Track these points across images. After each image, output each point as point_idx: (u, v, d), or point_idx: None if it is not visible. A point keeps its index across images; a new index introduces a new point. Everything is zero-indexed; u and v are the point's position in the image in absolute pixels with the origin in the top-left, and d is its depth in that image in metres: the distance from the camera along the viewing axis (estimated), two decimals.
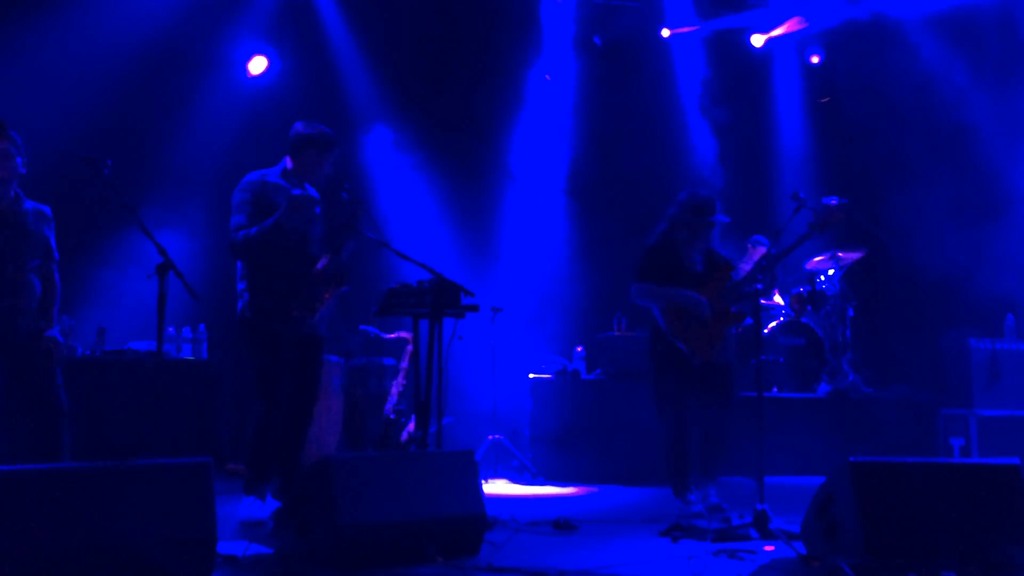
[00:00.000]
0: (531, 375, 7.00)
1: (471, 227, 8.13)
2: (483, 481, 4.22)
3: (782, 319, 7.48)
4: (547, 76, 8.62)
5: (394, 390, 6.77)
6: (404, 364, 6.74)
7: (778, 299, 7.70)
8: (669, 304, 5.07)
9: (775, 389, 7.21)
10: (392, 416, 6.58)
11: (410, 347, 6.55)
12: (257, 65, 7.74)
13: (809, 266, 7.65)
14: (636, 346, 6.48)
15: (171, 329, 6.70)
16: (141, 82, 7.01)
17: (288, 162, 4.73)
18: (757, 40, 8.93)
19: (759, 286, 4.82)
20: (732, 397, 5.23)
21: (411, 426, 6.38)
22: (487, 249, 8.16)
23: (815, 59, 8.96)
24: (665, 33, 8.88)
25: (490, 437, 6.80)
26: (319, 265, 4.58)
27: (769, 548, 3.97)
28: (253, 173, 4.72)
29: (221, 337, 6.78)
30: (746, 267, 6.60)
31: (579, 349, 7.17)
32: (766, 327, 7.34)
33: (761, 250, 7.34)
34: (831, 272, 7.56)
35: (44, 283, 4.39)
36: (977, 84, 8.23)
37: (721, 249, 5.38)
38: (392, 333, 6.80)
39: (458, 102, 8.09)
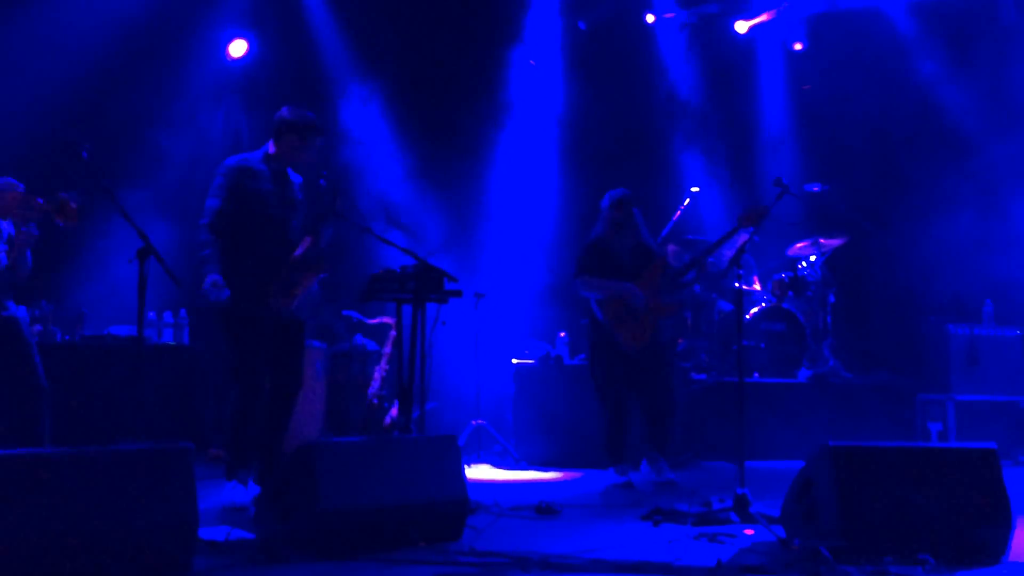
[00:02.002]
0: (514, 360, 7.00)
1: (454, 213, 8.10)
2: (466, 466, 4.23)
3: (763, 305, 7.52)
4: (532, 61, 8.59)
5: (377, 375, 6.77)
6: (387, 350, 6.74)
7: (757, 286, 7.73)
8: (608, 296, 5.52)
9: (756, 374, 7.26)
10: (375, 401, 6.58)
11: (393, 332, 6.55)
12: (237, 48, 7.67)
13: (791, 252, 7.68)
14: None
15: (152, 314, 6.65)
16: (120, 65, 6.93)
17: (271, 147, 4.72)
18: (741, 27, 8.93)
19: (691, 276, 5.49)
20: (668, 376, 5.74)
21: (394, 411, 6.38)
22: (470, 235, 8.14)
23: (798, 46, 8.97)
24: (650, 19, 8.86)
25: (473, 422, 6.81)
26: (298, 251, 4.56)
27: (749, 532, 4.00)
28: (232, 157, 4.69)
29: (202, 322, 6.74)
30: (728, 253, 6.68)
31: (562, 335, 7.18)
32: (747, 313, 7.37)
33: (743, 236, 7.38)
34: (813, 258, 7.60)
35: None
36: (958, 70, 8.28)
37: (715, 237, 5.68)
38: (375, 318, 6.79)
39: (441, 86, 8.05)
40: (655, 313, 5.54)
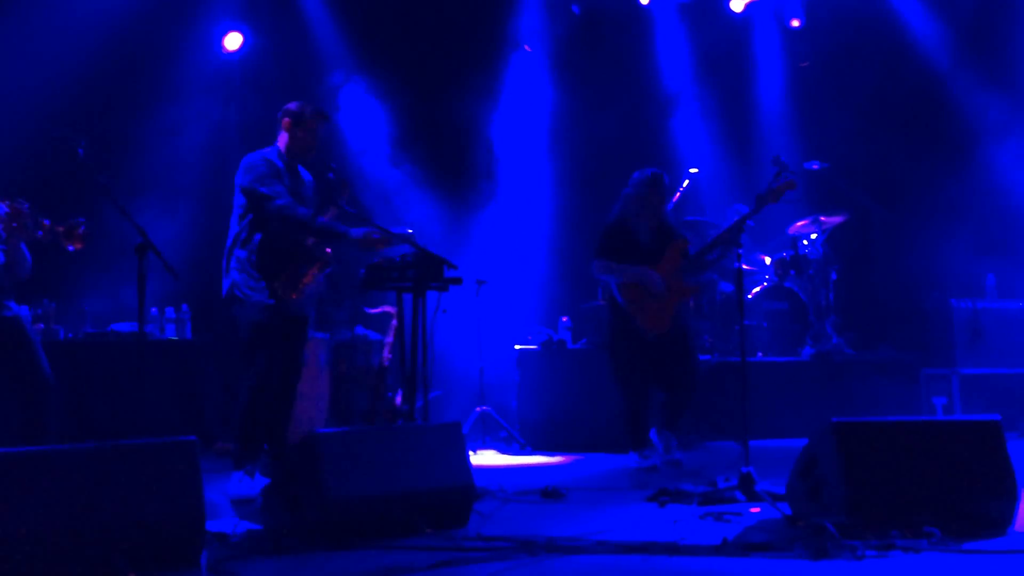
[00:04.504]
0: (517, 346, 7.01)
1: (454, 198, 8.09)
2: (471, 452, 4.24)
3: (765, 284, 7.51)
4: (527, 47, 8.55)
5: (379, 364, 6.77)
6: (389, 338, 6.74)
7: (767, 260, 7.70)
8: (626, 280, 5.40)
9: (759, 354, 7.25)
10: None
11: (395, 321, 6.54)
12: (233, 41, 7.64)
13: (792, 230, 7.66)
14: None
15: (154, 310, 6.65)
16: (115, 60, 6.90)
17: (280, 142, 4.72)
18: (737, 5, 8.88)
19: (715, 255, 5.33)
20: (691, 359, 5.55)
21: (398, 400, 6.39)
22: (470, 221, 8.14)
23: (795, 23, 8.91)
24: (644, 0, 8.81)
25: (478, 409, 6.82)
26: (307, 243, 4.57)
27: (755, 510, 4.01)
28: (255, 153, 4.67)
29: (204, 316, 6.74)
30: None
31: (564, 319, 7.18)
32: (749, 292, 7.37)
33: (742, 213, 7.36)
34: (814, 236, 7.58)
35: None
36: (957, 44, 8.23)
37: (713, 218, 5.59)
38: (376, 308, 6.79)
39: (437, 72, 8.02)
40: (677, 296, 5.40)
